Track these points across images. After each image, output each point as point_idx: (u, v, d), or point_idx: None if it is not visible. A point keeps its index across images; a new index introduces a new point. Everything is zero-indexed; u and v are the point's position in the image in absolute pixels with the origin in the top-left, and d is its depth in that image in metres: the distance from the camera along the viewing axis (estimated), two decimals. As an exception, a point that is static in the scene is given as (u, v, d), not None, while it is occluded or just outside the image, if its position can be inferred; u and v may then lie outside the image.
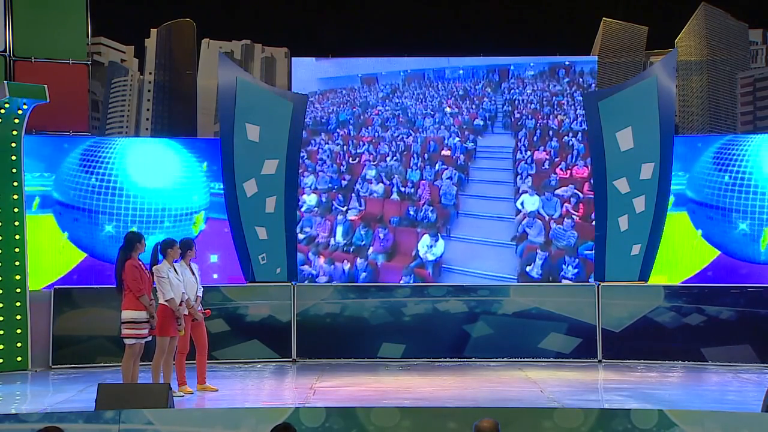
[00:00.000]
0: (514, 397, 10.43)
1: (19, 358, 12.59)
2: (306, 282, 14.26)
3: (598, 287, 13.38)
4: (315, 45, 15.55)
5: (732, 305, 13.05)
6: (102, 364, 12.82)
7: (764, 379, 11.73)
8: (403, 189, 14.90)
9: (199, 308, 10.87)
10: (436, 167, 15.02)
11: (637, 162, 13.38)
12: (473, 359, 13.30)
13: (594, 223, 13.72)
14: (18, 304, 12.65)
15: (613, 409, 8.42)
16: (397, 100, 15.16)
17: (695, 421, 7.42)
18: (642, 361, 13.05)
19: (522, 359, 13.25)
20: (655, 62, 15.63)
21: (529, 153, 14.84)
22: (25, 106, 12.77)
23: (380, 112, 15.20)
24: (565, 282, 14.22)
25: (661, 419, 7.40)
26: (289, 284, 13.57)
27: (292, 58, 15.38)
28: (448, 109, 15.10)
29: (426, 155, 15.02)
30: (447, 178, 14.85)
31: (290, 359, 13.33)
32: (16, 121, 12.78)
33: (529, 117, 14.98)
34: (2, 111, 12.67)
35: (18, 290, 12.66)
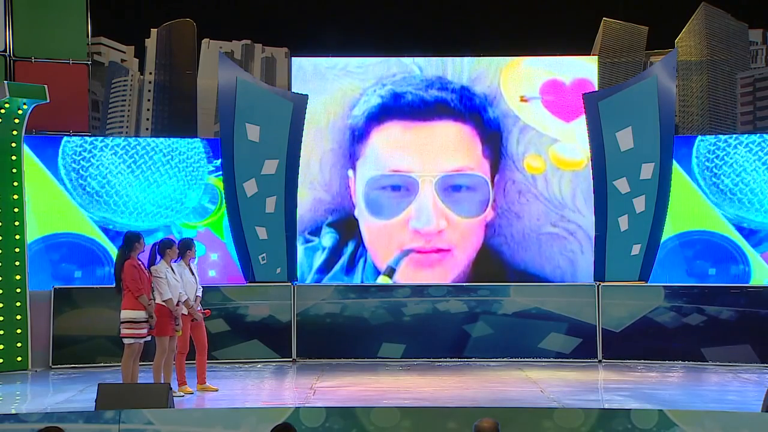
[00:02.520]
0: (514, 397, 10.43)
1: (19, 358, 12.60)
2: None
3: (598, 287, 13.38)
4: (315, 45, 15.52)
5: (732, 305, 13.05)
6: (102, 364, 12.83)
7: (764, 379, 11.73)
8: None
9: (199, 308, 10.87)
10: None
11: (637, 162, 13.38)
12: (473, 359, 13.30)
13: (594, 223, 13.72)
14: (18, 304, 12.66)
15: (613, 409, 8.43)
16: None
17: (695, 421, 7.42)
18: (642, 361, 13.05)
19: (522, 359, 13.26)
20: (655, 62, 15.62)
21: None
22: (25, 106, 12.77)
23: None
24: (565, 282, 14.21)
25: (661, 419, 7.40)
26: (289, 284, 13.57)
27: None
28: None
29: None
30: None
31: (290, 359, 13.33)
32: (16, 121, 12.78)
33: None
34: (2, 111, 12.67)
35: (18, 290, 12.67)
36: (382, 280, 14.03)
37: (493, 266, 14.19)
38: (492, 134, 14.31)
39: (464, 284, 13.78)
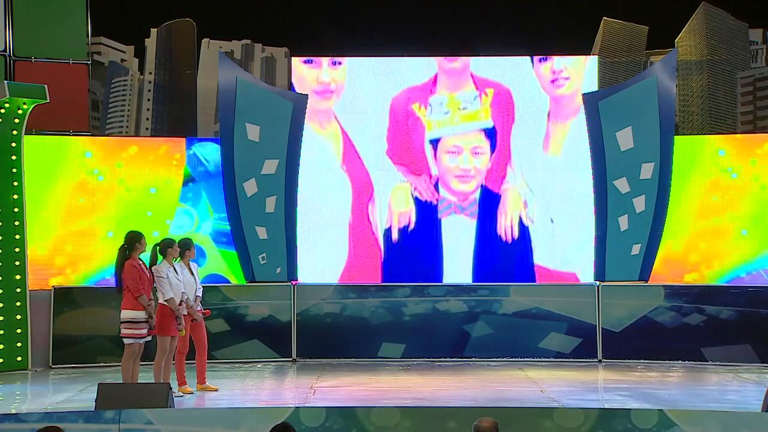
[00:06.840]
0: (514, 397, 10.44)
1: (19, 358, 12.60)
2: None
3: (598, 287, 13.38)
4: (315, 45, 15.51)
5: (732, 305, 13.06)
6: (102, 364, 12.83)
7: (764, 379, 11.74)
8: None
9: (199, 308, 10.87)
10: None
11: (637, 162, 13.40)
12: (473, 359, 13.31)
13: (594, 223, 13.71)
14: (18, 304, 12.66)
15: (613, 409, 8.43)
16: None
17: (695, 421, 7.43)
18: (642, 361, 13.06)
19: (522, 359, 13.26)
20: (655, 62, 15.62)
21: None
22: (25, 106, 12.78)
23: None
24: (565, 282, 14.20)
25: (661, 419, 7.40)
26: (289, 284, 13.58)
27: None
28: None
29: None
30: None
31: (290, 359, 13.34)
32: (16, 121, 12.79)
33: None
34: (2, 111, 12.67)
35: (18, 290, 12.67)
36: None
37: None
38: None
39: (464, 284, 13.79)
